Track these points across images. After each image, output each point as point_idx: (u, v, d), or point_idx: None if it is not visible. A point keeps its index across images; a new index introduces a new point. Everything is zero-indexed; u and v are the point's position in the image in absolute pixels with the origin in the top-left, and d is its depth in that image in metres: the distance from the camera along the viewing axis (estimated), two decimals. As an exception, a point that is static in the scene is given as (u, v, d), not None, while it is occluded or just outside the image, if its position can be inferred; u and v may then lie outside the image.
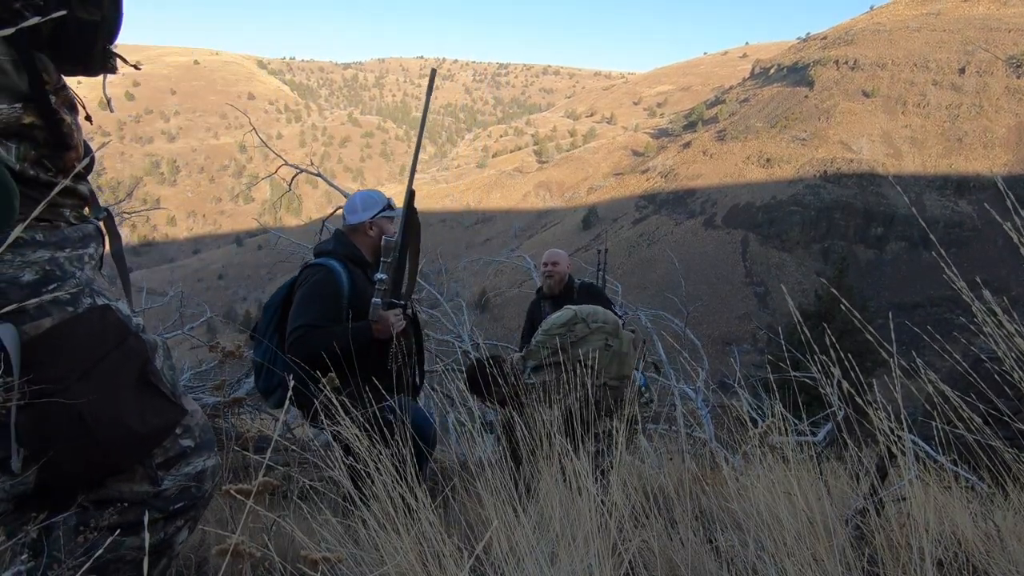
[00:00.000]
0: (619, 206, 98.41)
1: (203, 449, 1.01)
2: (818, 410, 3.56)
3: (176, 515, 0.98)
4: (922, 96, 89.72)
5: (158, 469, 0.96)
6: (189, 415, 1.00)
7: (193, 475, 0.99)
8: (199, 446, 1.00)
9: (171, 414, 0.97)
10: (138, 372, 0.95)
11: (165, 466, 0.96)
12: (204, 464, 1.00)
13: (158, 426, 0.95)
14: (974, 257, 65.38)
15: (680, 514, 1.70)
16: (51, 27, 0.87)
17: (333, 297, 2.23)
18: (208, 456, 1.01)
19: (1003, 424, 1.46)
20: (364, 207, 2.45)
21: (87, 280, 0.97)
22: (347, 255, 2.35)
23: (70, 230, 0.97)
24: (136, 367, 0.95)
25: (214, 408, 3.34)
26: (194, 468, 0.99)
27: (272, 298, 2.41)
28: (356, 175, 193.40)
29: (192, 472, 0.99)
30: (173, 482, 0.97)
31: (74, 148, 0.99)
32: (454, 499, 2.27)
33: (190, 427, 1.00)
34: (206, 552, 1.80)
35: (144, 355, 0.97)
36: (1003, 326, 1.28)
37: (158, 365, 0.99)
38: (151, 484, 0.95)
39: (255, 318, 2.52)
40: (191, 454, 0.99)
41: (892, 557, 1.44)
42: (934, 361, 1.64)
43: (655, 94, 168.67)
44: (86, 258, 0.99)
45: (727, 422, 4.34)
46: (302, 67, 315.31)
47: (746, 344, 52.07)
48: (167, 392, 0.98)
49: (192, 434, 1.00)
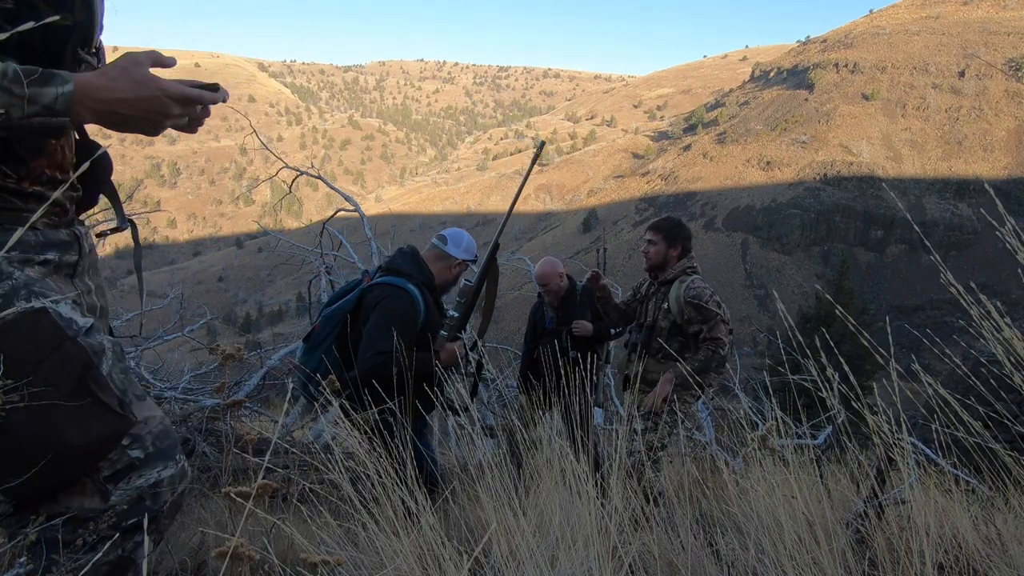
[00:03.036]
0: (619, 209, 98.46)
1: (157, 459, 0.94)
2: (818, 413, 3.56)
3: (132, 531, 0.92)
4: (922, 99, 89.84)
5: (106, 482, 0.90)
6: (139, 424, 0.94)
7: (146, 487, 0.93)
8: (152, 456, 0.94)
9: (115, 424, 0.91)
10: (75, 381, 0.90)
11: (113, 479, 0.91)
12: (159, 475, 0.94)
13: (100, 438, 0.90)
14: (974, 260, 65.39)
15: (680, 517, 1.69)
16: None
17: (412, 323, 2.31)
18: (164, 466, 0.95)
19: (1003, 427, 1.46)
20: (466, 249, 2.57)
21: (25, 281, 0.92)
22: (424, 280, 2.43)
23: (29, 234, 0.95)
24: (73, 375, 0.89)
25: (213, 410, 3.34)
26: (146, 480, 0.93)
27: (335, 308, 2.41)
28: (356, 177, 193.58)
29: (145, 484, 0.93)
30: (122, 496, 0.91)
31: (46, 155, 0.97)
32: (454, 502, 2.26)
33: (140, 436, 0.93)
34: (205, 554, 1.80)
35: (83, 362, 0.91)
36: (1001, 329, 1.28)
37: (105, 370, 0.93)
38: (101, 499, 0.90)
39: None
40: (141, 465, 0.93)
41: (892, 561, 1.44)
42: (934, 364, 1.64)
43: (655, 97, 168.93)
44: (37, 261, 0.96)
45: (727, 425, 4.34)
46: (303, 70, 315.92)
47: (746, 347, 52.03)
48: (111, 401, 0.92)
49: (143, 444, 0.93)
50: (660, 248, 3.19)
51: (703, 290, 3.05)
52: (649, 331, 3.20)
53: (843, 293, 22.26)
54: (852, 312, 18.34)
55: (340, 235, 6.61)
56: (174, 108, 0.92)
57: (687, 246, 3.22)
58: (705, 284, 3.10)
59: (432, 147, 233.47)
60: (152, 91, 0.90)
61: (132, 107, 0.90)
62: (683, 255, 3.20)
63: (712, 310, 3.00)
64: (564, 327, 3.64)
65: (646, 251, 3.25)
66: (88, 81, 0.87)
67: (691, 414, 4.99)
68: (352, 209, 6.58)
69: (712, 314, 3.00)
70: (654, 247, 3.21)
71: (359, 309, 2.35)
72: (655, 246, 3.20)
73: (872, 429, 1.51)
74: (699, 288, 3.06)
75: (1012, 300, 42.72)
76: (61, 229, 1.03)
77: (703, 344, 3.02)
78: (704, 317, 3.01)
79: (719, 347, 2.98)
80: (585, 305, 3.69)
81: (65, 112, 0.86)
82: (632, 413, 2.94)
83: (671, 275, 3.18)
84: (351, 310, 2.35)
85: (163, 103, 0.91)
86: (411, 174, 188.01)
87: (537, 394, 3.33)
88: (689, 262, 3.20)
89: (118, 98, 0.89)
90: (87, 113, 0.88)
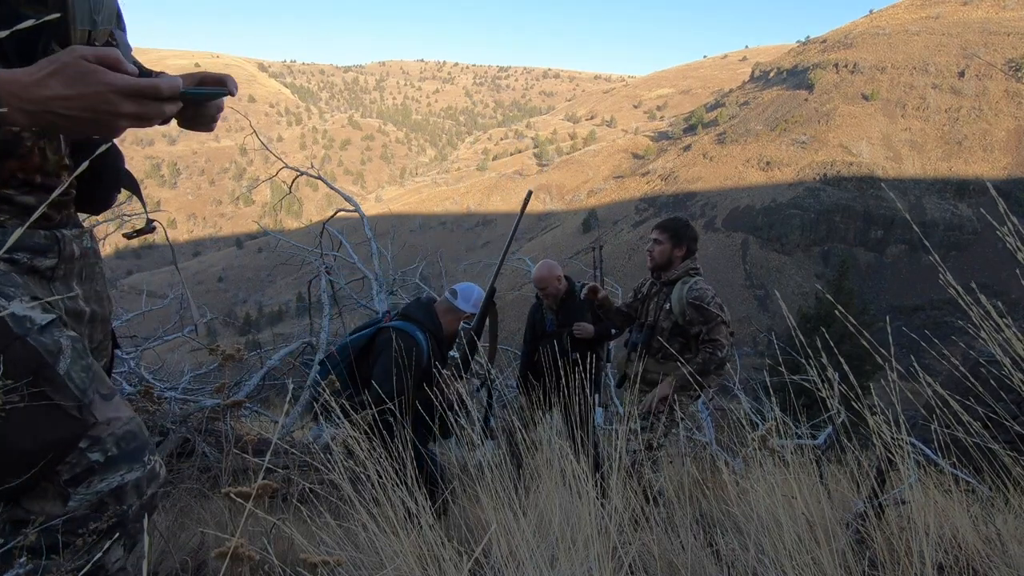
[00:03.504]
0: (619, 209, 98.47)
1: (120, 462, 0.89)
2: (818, 413, 3.56)
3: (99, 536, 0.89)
4: (922, 99, 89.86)
5: (67, 486, 0.86)
6: (100, 425, 0.89)
7: (107, 491, 0.88)
8: (114, 459, 0.89)
9: (70, 427, 0.86)
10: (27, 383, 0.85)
11: (73, 483, 0.86)
12: (123, 479, 0.90)
13: (53, 441, 0.85)
14: (974, 260, 65.38)
15: (680, 517, 1.69)
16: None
17: (415, 365, 2.63)
18: (129, 469, 0.90)
19: (1002, 427, 1.46)
20: (475, 303, 2.90)
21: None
22: (431, 329, 2.79)
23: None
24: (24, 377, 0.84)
25: (213, 410, 3.34)
26: (108, 484, 0.88)
27: (350, 340, 2.81)
28: (356, 178, 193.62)
29: (106, 488, 0.88)
30: (81, 501, 0.87)
31: (17, 157, 0.91)
32: (454, 502, 2.26)
33: (100, 439, 0.88)
34: (205, 555, 1.80)
35: (34, 363, 0.86)
36: (1001, 330, 1.28)
37: (62, 369, 0.88)
38: (62, 503, 0.86)
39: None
40: (102, 469, 0.88)
41: (892, 561, 1.44)
42: (934, 364, 1.64)
43: (655, 97, 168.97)
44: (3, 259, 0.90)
45: (727, 425, 4.34)
46: (303, 70, 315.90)
47: (746, 347, 52.02)
48: (66, 403, 0.87)
49: (103, 446, 0.88)
50: (666, 248, 3.19)
51: (705, 292, 3.05)
52: (650, 331, 3.20)
53: (843, 293, 22.25)
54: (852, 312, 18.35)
55: (340, 235, 6.61)
56: (123, 104, 0.79)
57: (692, 247, 3.22)
58: (708, 286, 3.10)
59: (432, 147, 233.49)
60: (94, 86, 0.77)
61: (71, 105, 0.77)
62: (687, 256, 3.20)
63: (713, 312, 3.00)
64: (564, 329, 3.63)
65: (651, 250, 3.25)
66: (12, 78, 0.77)
67: (691, 414, 4.99)
68: (352, 209, 6.58)
69: (713, 316, 3.00)
70: (660, 247, 3.21)
71: (371, 345, 2.74)
72: (661, 245, 3.20)
73: (872, 429, 1.51)
74: (702, 289, 3.06)
75: (1012, 300, 42.70)
76: (38, 231, 0.97)
77: (702, 346, 3.02)
78: (705, 318, 3.01)
79: (717, 349, 2.98)
80: (585, 307, 3.69)
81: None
82: (632, 413, 2.94)
83: (674, 276, 3.18)
84: (363, 345, 2.74)
85: (108, 99, 0.78)
86: (411, 174, 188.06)
87: (537, 394, 3.32)
88: (693, 263, 3.20)
89: (52, 95, 0.76)
90: (17, 114, 0.77)
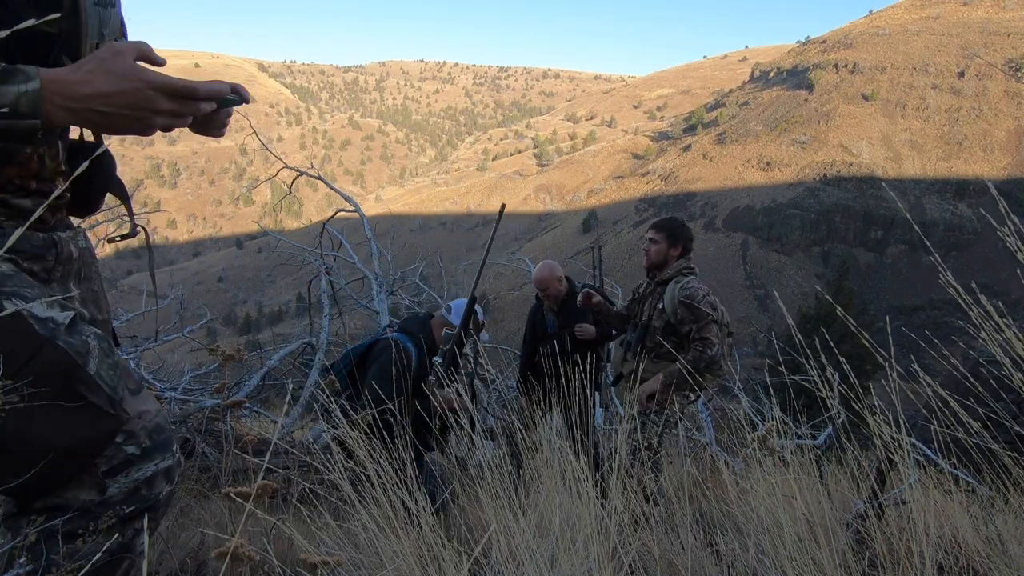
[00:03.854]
0: (619, 209, 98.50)
1: (154, 453, 0.94)
2: (818, 414, 3.56)
3: (130, 518, 0.93)
4: (921, 100, 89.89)
5: (104, 477, 0.91)
6: (133, 420, 0.93)
7: (143, 480, 0.93)
8: (147, 451, 0.94)
9: (105, 424, 0.90)
10: (60, 384, 0.87)
11: (111, 474, 0.91)
12: (156, 467, 0.95)
13: (91, 438, 0.89)
14: (974, 260, 65.38)
15: (680, 517, 1.69)
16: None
17: (405, 372, 2.81)
18: (160, 459, 0.95)
19: (1002, 428, 1.46)
20: (457, 315, 3.05)
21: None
22: (425, 341, 3.01)
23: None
24: (56, 379, 0.87)
25: (213, 411, 3.34)
26: (144, 473, 0.93)
27: (353, 348, 3.08)
28: (356, 178, 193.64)
29: (142, 477, 0.93)
30: (120, 489, 0.92)
31: (16, 164, 0.92)
32: (454, 503, 2.27)
33: (134, 433, 0.93)
34: (205, 555, 1.80)
35: (65, 364, 0.88)
36: (1001, 330, 1.28)
37: (92, 369, 0.90)
38: (99, 492, 0.90)
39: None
40: (138, 460, 0.93)
41: (892, 561, 1.44)
42: (934, 365, 1.64)
43: (655, 97, 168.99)
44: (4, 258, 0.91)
45: (727, 426, 4.34)
46: (303, 70, 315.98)
47: (746, 347, 52.02)
48: (100, 401, 0.90)
49: (137, 440, 0.93)
50: (662, 247, 3.20)
51: (697, 290, 3.06)
52: (643, 330, 3.21)
53: (843, 293, 22.23)
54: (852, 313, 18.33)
55: (340, 235, 6.61)
56: (161, 101, 0.82)
57: (688, 246, 3.23)
58: (700, 285, 3.10)
59: (432, 147, 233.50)
60: (133, 83, 0.80)
61: (112, 102, 0.80)
62: (683, 255, 3.21)
63: (704, 311, 3.01)
64: (565, 330, 3.63)
65: (647, 249, 3.26)
66: (58, 76, 0.78)
67: (691, 414, 4.99)
68: (352, 209, 6.58)
69: (703, 314, 3.00)
70: (656, 246, 3.21)
71: (369, 352, 2.98)
72: (656, 245, 3.21)
73: (872, 430, 1.51)
74: (693, 288, 3.07)
75: (1012, 300, 42.69)
76: (36, 233, 0.98)
77: (692, 344, 3.03)
78: (695, 317, 3.02)
79: (707, 347, 2.98)
80: (587, 309, 3.69)
81: (32, 113, 0.77)
82: (632, 413, 2.94)
83: (668, 275, 3.18)
84: (363, 353, 2.99)
85: (147, 96, 0.81)
86: (411, 174, 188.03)
87: (537, 395, 3.32)
88: (687, 263, 3.20)
89: (94, 92, 0.79)
90: (60, 113, 0.79)
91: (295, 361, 5.82)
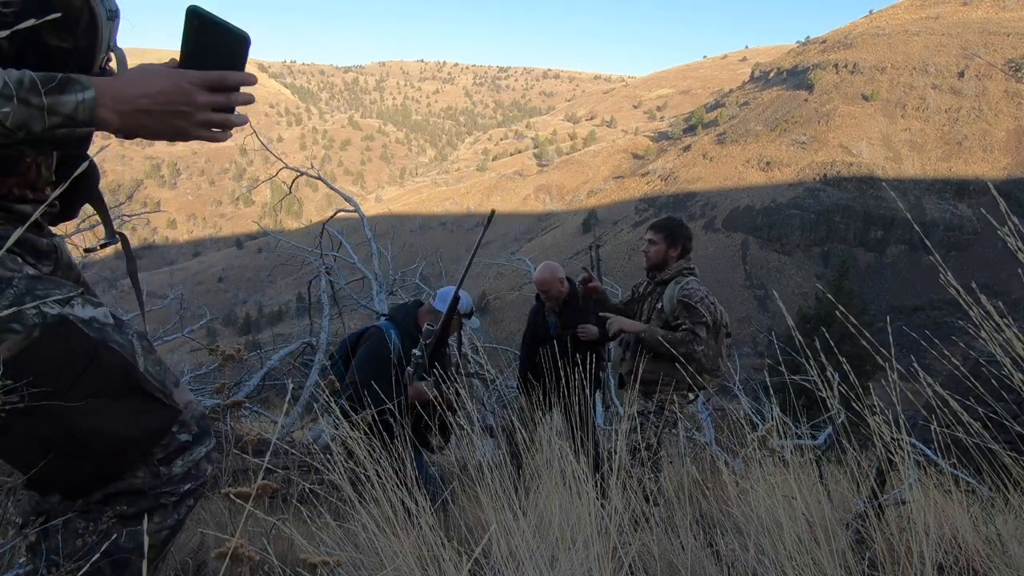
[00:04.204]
0: (619, 209, 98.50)
1: (202, 437, 1.03)
2: (818, 414, 3.56)
3: (186, 495, 1.02)
4: (921, 100, 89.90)
5: (160, 464, 0.98)
6: (183, 410, 1.01)
7: (194, 462, 1.02)
8: (197, 436, 1.02)
9: (165, 415, 0.97)
10: (121, 383, 0.93)
11: (166, 461, 0.99)
12: (203, 450, 1.04)
13: (154, 429, 0.96)
14: (974, 260, 65.39)
15: (680, 518, 1.69)
16: (16, 46, 0.85)
17: (386, 361, 2.90)
18: (205, 443, 1.04)
19: (1002, 428, 1.46)
20: (443, 303, 3.06)
21: (28, 287, 0.90)
22: (407, 328, 3.09)
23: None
24: (117, 379, 0.93)
25: (213, 411, 3.34)
26: (196, 455, 1.02)
27: (349, 336, 3.25)
28: (356, 178, 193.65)
29: (196, 459, 1.02)
30: (181, 468, 1.00)
31: (18, 174, 0.94)
32: (454, 503, 2.26)
33: (186, 422, 1.01)
34: (205, 555, 1.80)
35: (123, 366, 0.93)
36: (1001, 330, 1.28)
37: (141, 367, 0.96)
38: (154, 477, 0.98)
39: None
40: (191, 446, 1.01)
41: (892, 561, 1.44)
42: (934, 364, 1.64)
43: (655, 97, 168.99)
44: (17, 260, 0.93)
45: (727, 426, 4.34)
46: (303, 70, 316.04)
47: (746, 347, 52.00)
48: (158, 395, 0.97)
49: (188, 428, 1.01)
50: (660, 248, 3.20)
51: (696, 291, 3.07)
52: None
53: (843, 293, 22.23)
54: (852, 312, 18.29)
55: (340, 235, 6.62)
56: (200, 95, 0.87)
57: (687, 246, 3.24)
58: (700, 286, 3.11)
59: (432, 148, 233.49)
60: (172, 79, 0.86)
61: (157, 101, 0.85)
62: (682, 255, 3.21)
63: (700, 311, 3.02)
64: (567, 331, 3.63)
65: (646, 250, 3.26)
66: (107, 83, 0.84)
67: (689, 414, 4.99)
68: (352, 210, 6.59)
69: (699, 315, 3.02)
70: (655, 247, 3.22)
71: (359, 341, 3.13)
72: (656, 246, 3.21)
73: (872, 430, 1.51)
74: (692, 289, 3.08)
75: (1012, 300, 42.69)
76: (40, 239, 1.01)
77: (683, 331, 3.04)
78: (691, 316, 3.05)
79: (695, 342, 2.99)
80: (588, 308, 3.68)
81: (89, 121, 0.82)
82: (630, 413, 2.94)
83: (668, 275, 3.19)
84: (355, 342, 3.13)
85: (187, 92, 0.86)
86: (411, 174, 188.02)
87: (537, 395, 3.32)
88: (687, 263, 3.21)
89: (139, 92, 0.84)
90: (111, 117, 0.84)
91: (295, 361, 5.82)
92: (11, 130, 0.78)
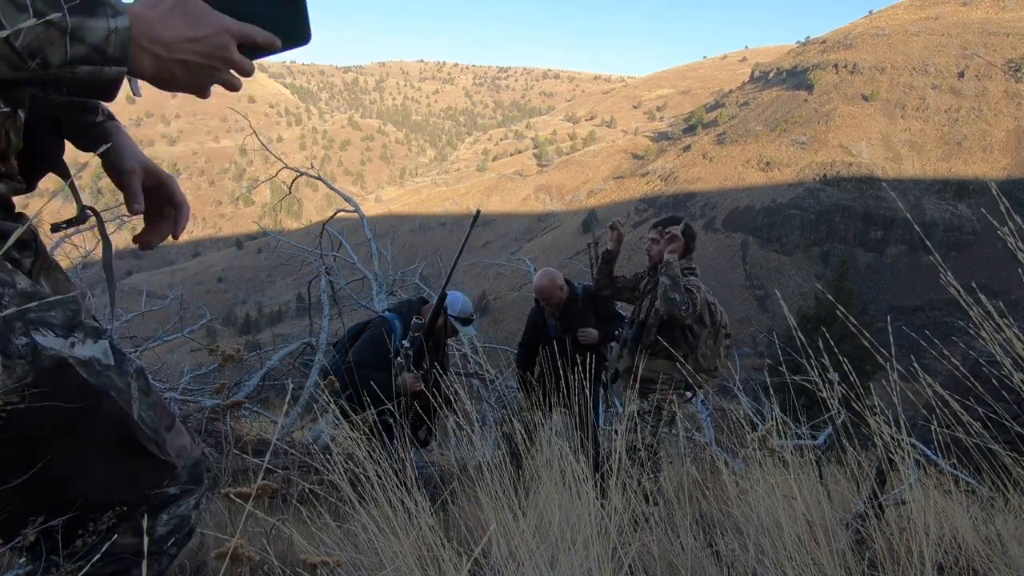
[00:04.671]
0: (619, 209, 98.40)
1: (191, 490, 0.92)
2: (818, 414, 3.56)
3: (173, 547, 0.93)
4: (921, 100, 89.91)
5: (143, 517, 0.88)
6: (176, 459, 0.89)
7: (180, 517, 0.91)
8: (185, 490, 0.91)
9: (160, 472, 0.86)
10: (116, 440, 0.82)
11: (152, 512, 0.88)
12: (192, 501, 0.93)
13: (148, 485, 0.86)
14: (974, 260, 65.39)
15: (680, 518, 1.69)
16: None
17: (385, 347, 2.99)
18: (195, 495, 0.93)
19: (1002, 428, 1.46)
20: (460, 310, 3.26)
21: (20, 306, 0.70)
22: (411, 320, 3.13)
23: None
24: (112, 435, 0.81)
25: (213, 411, 3.34)
26: (182, 511, 0.91)
27: (351, 328, 3.40)
28: (356, 178, 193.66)
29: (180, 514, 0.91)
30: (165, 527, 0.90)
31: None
32: (453, 503, 2.26)
33: (177, 474, 0.89)
34: (205, 555, 1.80)
35: (119, 416, 0.81)
36: (1001, 330, 1.28)
37: (136, 414, 0.83)
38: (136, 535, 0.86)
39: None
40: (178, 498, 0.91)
41: (892, 561, 1.44)
42: (934, 365, 1.64)
43: (655, 98, 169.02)
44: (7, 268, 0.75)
45: (727, 426, 4.34)
46: (302, 70, 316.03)
47: (746, 347, 51.97)
48: (152, 448, 0.85)
49: (179, 480, 0.89)
50: (662, 246, 3.19)
51: (696, 290, 3.07)
52: (640, 327, 3.22)
53: (843, 293, 22.24)
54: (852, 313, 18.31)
55: (340, 236, 6.62)
56: (235, 54, 0.70)
57: (691, 245, 3.23)
58: (700, 285, 3.11)
59: (432, 148, 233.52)
60: (212, 25, 0.68)
61: (195, 48, 0.67)
62: (685, 255, 3.21)
63: (697, 296, 3.04)
64: (568, 334, 3.63)
65: (649, 249, 3.25)
66: (143, 15, 0.65)
67: (689, 415, 4.98)
68: (352, 210, 6.58)
69: (694, 296, 3.04)
70: (657, 246, 3.21)
71: (364, 329, 3.26)
72: (658, 244, 3.21)
73: (872, 430, 1.51)
74: (693, 286, 3.07)
75: (1012, 301, 42.57)
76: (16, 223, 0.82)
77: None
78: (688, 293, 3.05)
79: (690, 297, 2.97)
80: (588, 311, 3.67)
81: (122, 59, 0.63)
82: (630, 412, 2.94)
83: None
84: (357, 332, 3.25)
85: (224, 42, 0.68)
86: (411, 175, 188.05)
87: (537, 395, 3.32)
88: (688, 263, 3.20)
89: (182, 37, 0.66)
90: (147, 60, 0.65)
91: (295, 361, 5.82)
92: (21, 56, 0.58)
